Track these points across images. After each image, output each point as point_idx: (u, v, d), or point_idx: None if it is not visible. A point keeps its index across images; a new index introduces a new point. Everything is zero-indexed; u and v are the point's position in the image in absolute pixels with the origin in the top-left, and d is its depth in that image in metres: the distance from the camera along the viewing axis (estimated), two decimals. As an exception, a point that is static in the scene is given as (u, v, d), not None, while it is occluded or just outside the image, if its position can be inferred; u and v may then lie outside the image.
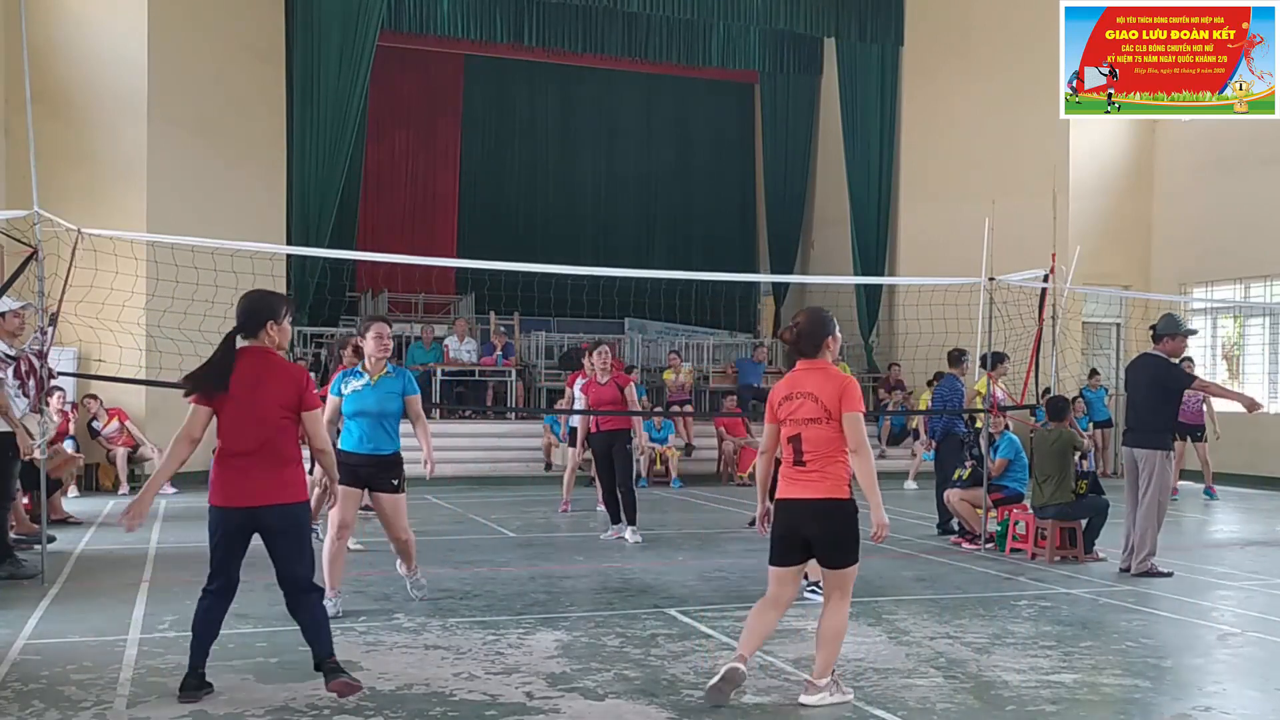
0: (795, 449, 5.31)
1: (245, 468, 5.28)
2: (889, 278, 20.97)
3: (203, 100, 16.32)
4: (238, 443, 5.29)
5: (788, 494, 5.35)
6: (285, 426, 5.32)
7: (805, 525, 5.31)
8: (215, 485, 5.34)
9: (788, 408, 5.36)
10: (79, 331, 11.63)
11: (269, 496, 5.26)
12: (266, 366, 5.33)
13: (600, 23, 21.89)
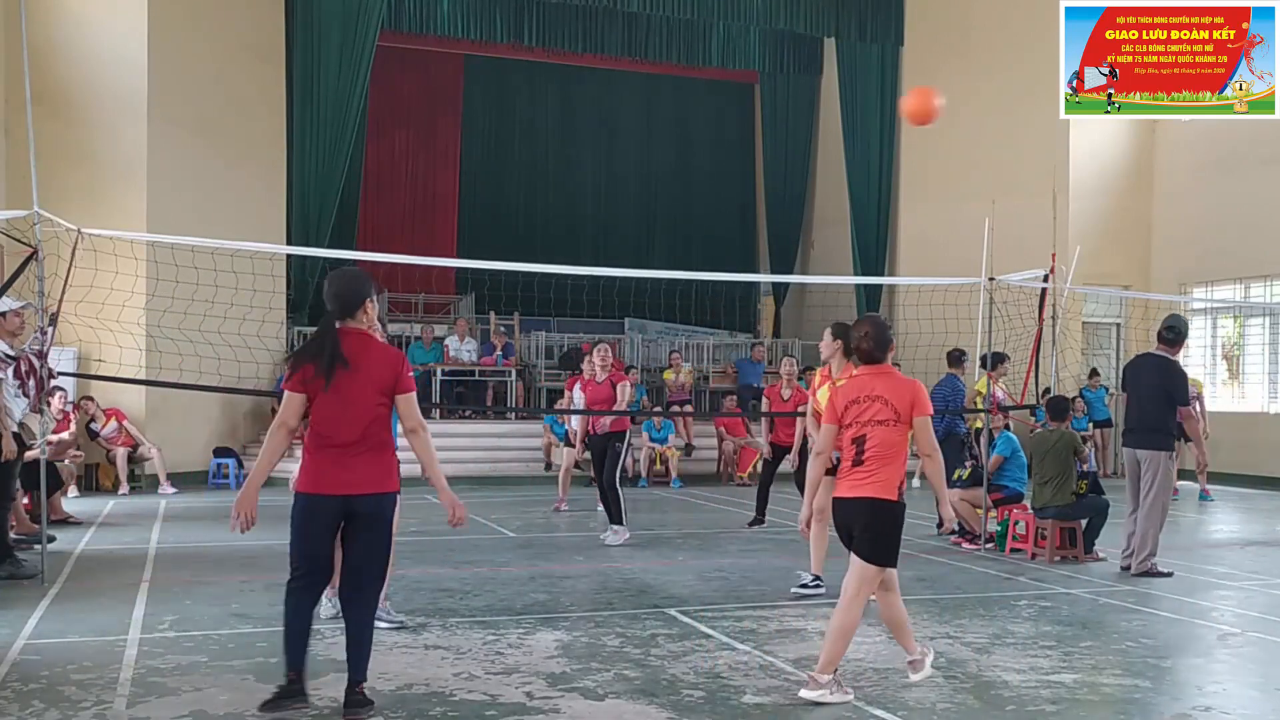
0: (858, 449, 5.49)
1: (342, 455, 4.99)
2: (889, 278, 20.97)
3: (203, 100, 16.33)
4: (336, 429, 4.98)
5: (842, 493, 5.55)
6: (383, 412, 5.07)
7: (853, 522, 5.51)
8: (308, 472, 5.04)
9: (855, 410, 5.54)
10: (79, 331, 11.64)
11: (366, 485, 5.02)
12: (364, 349, 5.07)
13: (600, 23, 21.91)
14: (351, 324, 5.11)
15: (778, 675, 5.87)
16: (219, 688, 5.51)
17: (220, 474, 16.04)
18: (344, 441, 4.99)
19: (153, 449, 15.02)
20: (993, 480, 10.44)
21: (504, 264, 11.75)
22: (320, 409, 5.01)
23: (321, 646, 6.38)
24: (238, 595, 7.93)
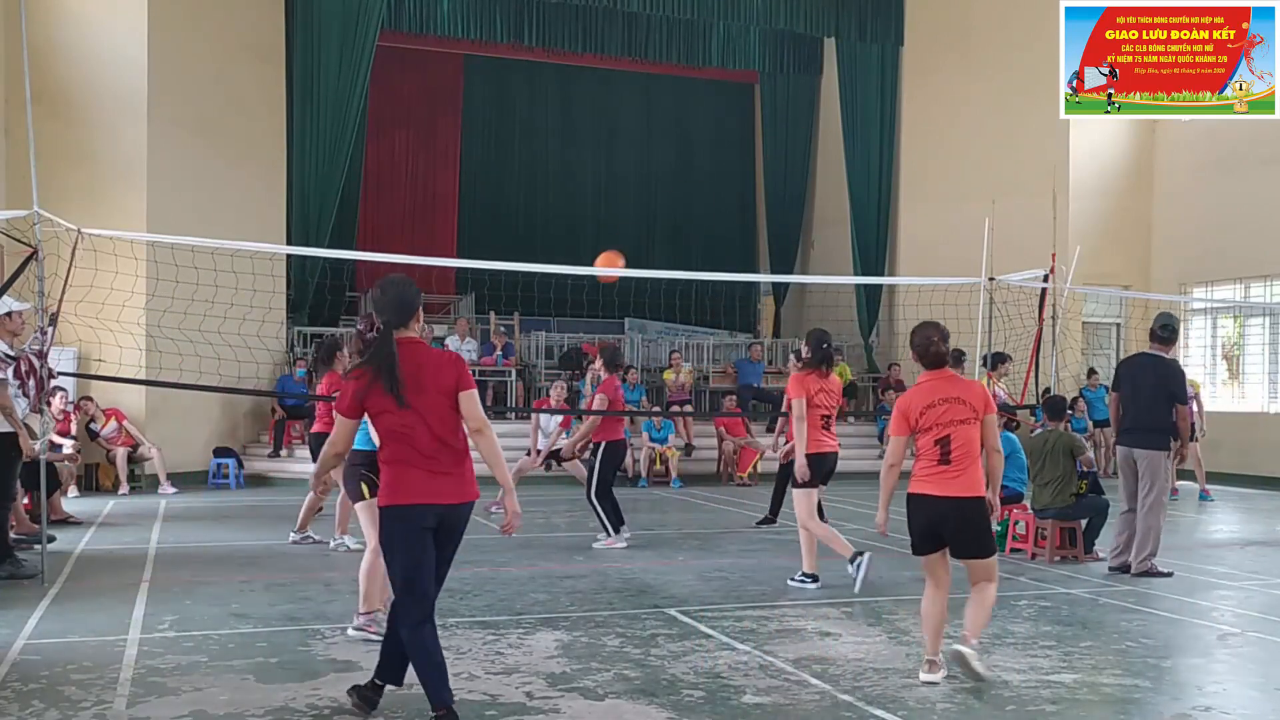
0: (943, 450, 5.72)
1: (427, 465, 4.84)
2: (889, 278, 20.97)
3: (203, 100, 16.33)
4: (416, 441, 4.83)
5: (931, 491, 5.73)
6: (454, 416, 4.92)
7: (945, 522, 5.73)
8: (394, 486, 4.85)
9: (934, 414, 5.76)
10: (79, 331, 11.64)
11: (455, 494, 4.89)
12: (423, 356, 4.95)
13: (600, 23, 21.90)
14: (406, 333, 4.98)
15: (778, 675, 5.87)
16: (219, 688, 5.51)
17: (220, 474, 16.04)
18: (427, 452, 4.85)
19: (153, 449, 15.01)
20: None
21: (504, 264, 11.76)
22: (393, 423, 4.84)
23: (321, 647, 6.38)
24: (238, 595, 7.93)
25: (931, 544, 5.80)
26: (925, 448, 5.79)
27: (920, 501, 5.79)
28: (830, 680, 5.77)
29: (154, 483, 15.08)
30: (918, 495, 5.79)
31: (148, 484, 15.23)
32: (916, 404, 5.82)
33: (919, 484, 5.80)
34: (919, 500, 5.79)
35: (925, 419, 5.77)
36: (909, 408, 5.84)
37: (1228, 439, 16.61)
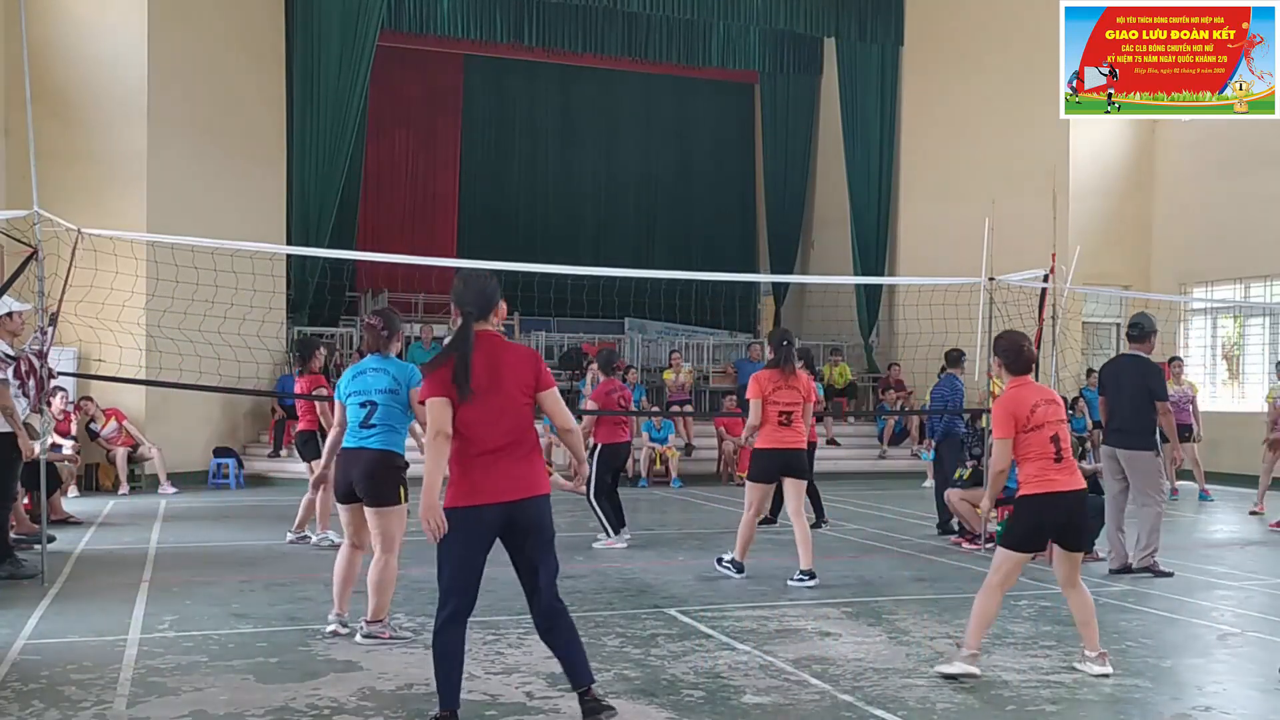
0: (1057, 447, 5.84)
1: (494, 462, 4.76)
2: (889, 278, 20.97)
3: (203, 100, 16.33)
4: (486, 436, 4.76)
5: (1063, 487, 5.83)
6: (528, 413, 4.87)
7: (1072, 515, 5.87)
8: (458, 485, 4.77)
9: (1043, 413, 5.88)
10: (79, 331, 11.63)
11: (523, 490, 4.78)
12: (502, 350, 4.91)
13: (600, 23, 21.90)
14: (486, 326, 4.94)
15: (778, 675, 5.87)
16: (219, 688, 5.51)
17: (220, 474, 16.04)
18: (492, 444, 4.77)
19: (153, 449, 15.02)
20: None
21: (504, 264, 11.73)
22: (466, 415, 4.76)
23: (321, 647, 6.38)
24: (238, 595, 7.93)
25: (1043, 542, 5.96)
26: (1039, 445, 5.83)
27: (1052, 499, 5.82)
28: (830, 680, 5.77)
29: (154, 483, 15.08)
30: (1049, 494, 5.81)
31: (148, 484, 15.23)
32: (1025, 404, 5.87)
33: (1043, 483, 5.82)
34: (1050, 498, 5.81)
35: (1036, 417, 5.84)
36: (1018, 409, 5.87)
37: (1228, 439, 16.60)
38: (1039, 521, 5.88)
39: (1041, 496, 5.82)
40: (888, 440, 19.07)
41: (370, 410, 6.52)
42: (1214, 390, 18.66)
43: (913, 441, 18.92)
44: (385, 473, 6.48)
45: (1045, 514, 5.85)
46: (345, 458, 6.57)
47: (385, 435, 6.51)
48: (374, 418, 6.50)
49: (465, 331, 4.85)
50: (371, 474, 6.45)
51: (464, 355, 4.78)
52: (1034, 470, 5.85)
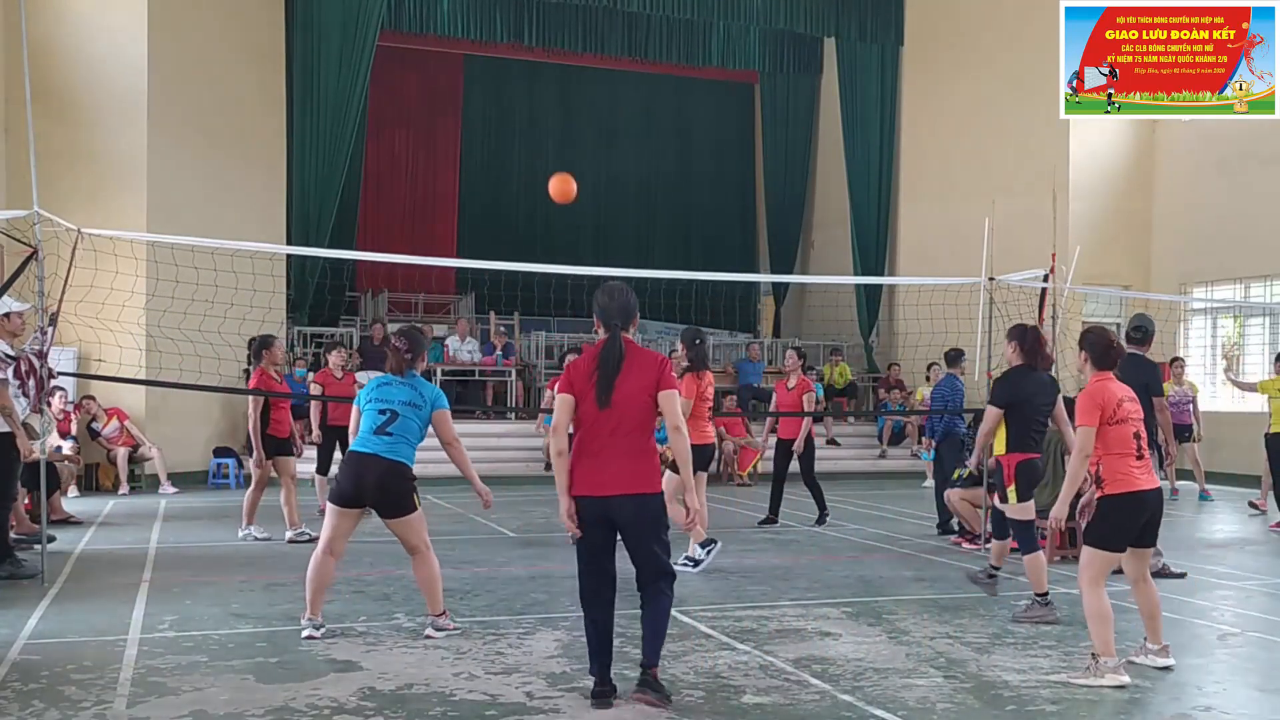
0: (1138, 444, 5.89)
1: (603, 457, 5.15)
2: (889, 278, 20.97)
3: (203, 100, 16.32)
4: (600, 431, 5.16)
5: (1147, 485, 5.87)
6: (646, 413, 5.21)
7: (1153, 514, 5.91)
8: (577, 477, 5.19)
9: (1126, 408, 5.93)
10: (79, 331, 11.63)
11: (624, 486, 5.12)
12: (636, 354, 5.28)
13: (600, 23, 21.90)
14: (626, 335, 5.31)
15: (778, 675, 5.87)
16: (219, 688, 5.51)
17: (220, 474, 16.04)
18: (605, 440, 5.14)
19: (153, 449, 15.03)
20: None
21: (504, 264, 11.75)
22: (590, 413, 5.16)
23: (321, 647, 6.38)
24: (238, 595, 7.93)
25: (1127, 540, 5.92)
26: (1122, 440, 5.85)
27: (1138, 498, 5.83)
28: (830, 680, 5.77)
29: (154, 483, 15.08)
30: (1133, 493, 5.81)
31: (148, 484, 15.23)
32: (1112, 397, 5.91)
33: (1128, 481, 5.82)
34: (1135, 497, 5.82)
35: (1121, 411, 5.88)
36: (1105, 400, 5.89)
37: (1228, 439, 16.60)
38: (1124, 520, 5.87)
39: (1127, 496, 5.82)
40: (887, 440, 19.07)
41: (389, 418, 6.52)
42: (1214, 390, 18.65)
43: (912, 441, 18.94)
44: (398, 485, 6.52)
45: (1131, 513, 5.85)
46: (355, 462, 6.51)
47: (398, 446, 6.52)
48: (391, 426, 6.51)
49: (614, 343, 5.23)
50: (384, 486, 6.48)
51: (611, 368, 5.17)
52: (1118, 466, 5.85)
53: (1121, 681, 5.70)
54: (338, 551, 6.64)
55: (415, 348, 6.74)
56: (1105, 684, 5.69)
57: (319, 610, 6.63)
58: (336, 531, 6.58)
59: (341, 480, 6.59)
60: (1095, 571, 5.87)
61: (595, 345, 5.34)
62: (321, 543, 6.61)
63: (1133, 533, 5.92)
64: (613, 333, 5.26)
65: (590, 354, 5.30)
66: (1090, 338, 6.16)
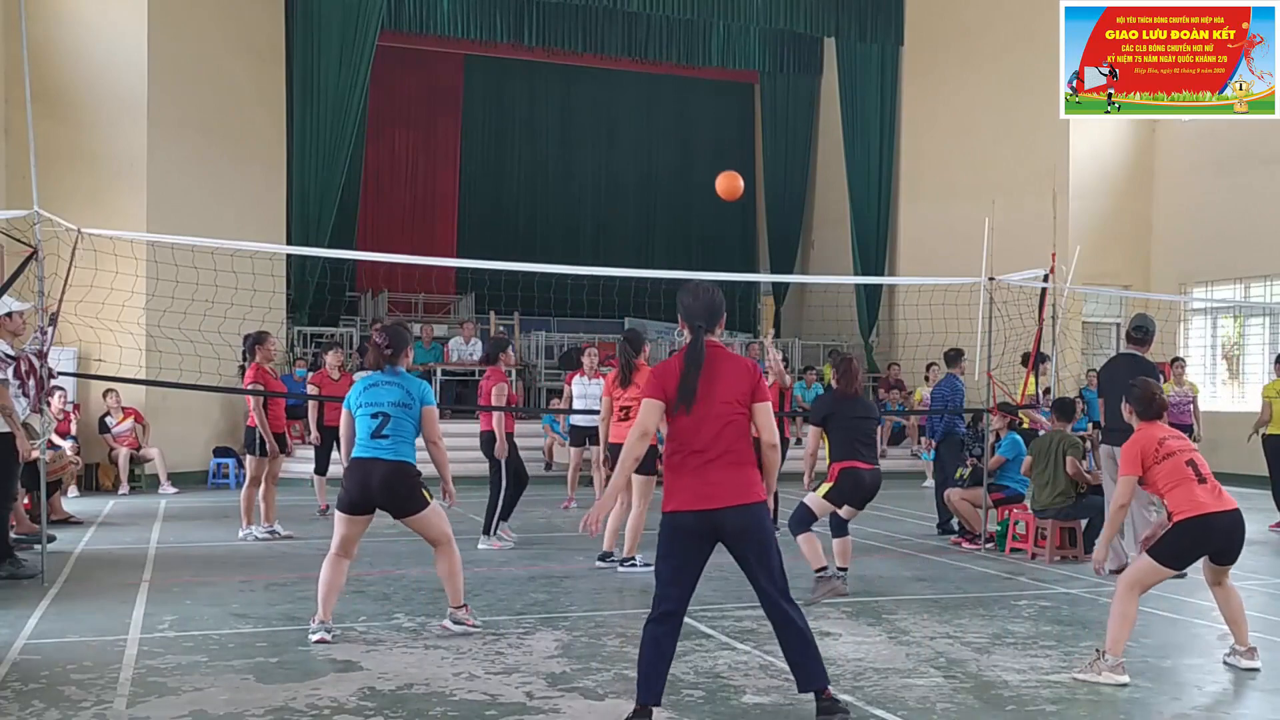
0: (1196, 470, 5.96)
1: (704, 468, 4.88)
2: (889, 278, 20.97)
3: (203, 100, 16.32)
4: (697, 442, 4.90)
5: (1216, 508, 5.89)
6: (743, 422, 4.98)
7: (1230, 533, 5.95)
8: (669, 490, 4.94)
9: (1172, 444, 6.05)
10: (79, 331, 11.63)
11: (730, 498, 4.86)
12: (723, 359, 5.04)
13: (600, 23, 21.90)
14: (712, 337, 5.07)
15: (778, 675, 5.87)
16: (219, 688, 5.51)
17: (220, 474, 16.04)
18: (701, 450, 4.89)
19: (153, 449, 15.04)
20: (994, 480, 10.44)
21: (504, 264, 11.74)
22: (682, 422, 4.94)
23: (321, 647, 6.38)
24: (238, 595, 7.93)
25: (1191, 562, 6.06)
26: (1175, 471, 5.91)
27: (1209, 521, 5.85)
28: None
29: (154, 483, 15.08)
30: (1203, 515, 5.84)
31: (148, 484, 15.23)
32: (1152, 440, 6.01)
33: (1194, 505, 5.85)
34: (1206, 520, 5.85)
35: (1165, 448, 5.98)
36: (1145, 449, 6.00)
37: (1228, 439, 16.57)
38: (1191, 544, 5.91)
39: (1197, 519, 5.83)
40: (887, 440, 19.05)
41: (383, 421, 6.48)
42: (1214, 390, 18.66)
43: (911, 441, 18.92)
44: (405, 483, 6.49)
45: (1203, 538, 5.89)
46: (359, 468, 6.47)
47: (398, 445, 6.48)
48: (386, 428, 6.47)
49: (697, 345, 4.98)
50: (391, 487, 6.45)
51: (694, 370, 4.92)
52: (1182, 495, 5.89)
53: (1120, 681, 5.71)
54: (350, 554, 6.63)
55: (397, 343, 6.66)
56: (1103, 681, 5.71)
57: (330, 613, 6.57)
58: (347, 537, 6.56)
59: (347, 487, 6.52)
60: (1139, 579, 5.92)
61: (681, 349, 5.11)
62: (334, 547, 6.59)
63: (1198, 556, 6.00)
64: (695, 336, 5.02)
65: (677, 358, 5.07)
66: (1136, 392, 6.27)
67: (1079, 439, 10.12)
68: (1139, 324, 9.42)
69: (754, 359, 20.23)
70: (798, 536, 7.92)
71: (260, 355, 10.56)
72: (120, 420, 14.91)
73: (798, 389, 19.52)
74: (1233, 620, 6.14)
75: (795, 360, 21.17)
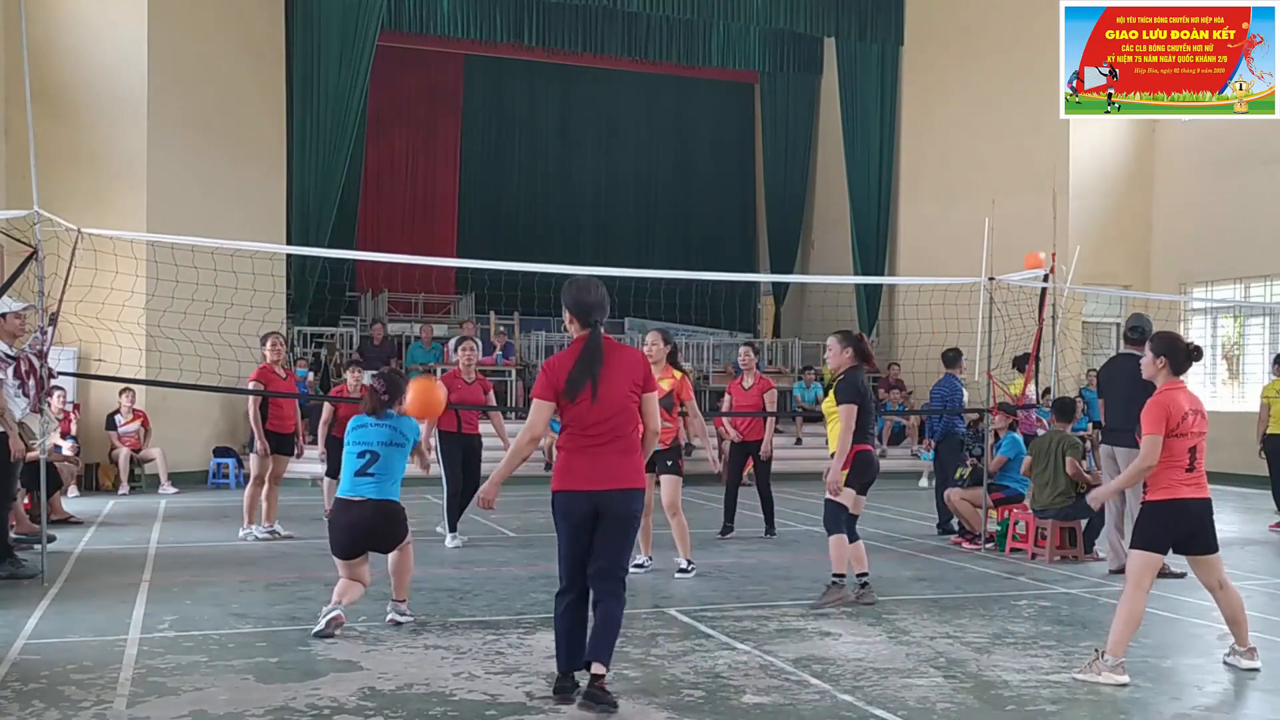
0: (1192, 458, 5.92)
1: (596, 453, 5.17)
2: (889, 278, 20.97)
3: (203, 100, 16.33)
4: (592, 429, 5.17)
5: (1192, 495, 5.90)
6: (633, 410, 5.26)
7: (1200, 521, 5.94)
8: (562, 470, 5.24)
9: (1190, 422, 5.91)
10: (79, 331, 11.63)
11: (616, 481, 5.17)
12: (617, 351, 5.30)
13: (600, 23, 21.91)
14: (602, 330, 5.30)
15: (778, 675, 5.87)
16: (219, 688, 5.51)
17: (220, 474, 16.04)
18: (594, 437, 5.16)
19: (155, 449, 15.04)
20: (994, 480, 10.44)
21: (504, 264, 11.74)
22: (576, 411, 5.18)
23: (321, 647, 6.38)
24: (238, 595, 7.94)
25: (1172, 545, 6.00)
26: (1177, 452, 5.87)
27: (1180, 507, 5.87)
28: (830, 680, 5.77)
29: (154, 483, 15.08)
30: (1175, 500, 5.86)
31: (148, 484, 15.23)
32: (1178, 409, 5.89)
33: (1176, 489, 5.86)
34: (1178, 506, 5.87)
35: (1184, 425, 5.88)
36: (1172, 411, 5.87)
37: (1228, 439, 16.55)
38: (1167, 527, 5.91)
39: (1168, 504, 5.86)
40: (887, 440, 19.06)
41: (369, 460, 6.72)
42: (1214, 390, 18.65)
43: (912, 441, 18.92)
44: (392, 527, 6.80)
45: (1173, 522, 5.89)
46: (344, 510, 6.71)
47: (382, 484, 6.72)
48: (372, 467, 6.71)
49: (596, 338, 5.22)
50: (375, 531, 6.74)
51: (594, 363, 5.17)
52: (1166, 475, 5.89)
53: (1120, 681, 5.71)
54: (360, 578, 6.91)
55: (393, 391, 6.88)
56: (1103, 681, 5.71)
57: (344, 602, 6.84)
58: (351, 574, 6.84)
59: (336, 534, 6.77)
60: (1140, 572, 5.90)
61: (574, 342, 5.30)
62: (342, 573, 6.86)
63: (1175, 537, 5.96)
64: (594, 332, 5.24)
65: (570, 353, 5.26)
66: (1168, 341, 6.10)
67: (1079, 439, 10.13)
68: (1135, 324, 9.44)
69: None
70: (832, 536, 7.72)
71: (270, 355, 10.61)
72: (129, 421, 14.92)
73: (797, 389, 19.54)
74: (1233, 620, 6.13)
75: (795, 360, 21.18)
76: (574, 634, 5.24)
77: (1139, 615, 5.86)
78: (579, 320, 5.29)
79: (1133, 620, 5.83)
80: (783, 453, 18.85)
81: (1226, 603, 6.13)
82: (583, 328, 5.27)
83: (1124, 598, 5.90)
